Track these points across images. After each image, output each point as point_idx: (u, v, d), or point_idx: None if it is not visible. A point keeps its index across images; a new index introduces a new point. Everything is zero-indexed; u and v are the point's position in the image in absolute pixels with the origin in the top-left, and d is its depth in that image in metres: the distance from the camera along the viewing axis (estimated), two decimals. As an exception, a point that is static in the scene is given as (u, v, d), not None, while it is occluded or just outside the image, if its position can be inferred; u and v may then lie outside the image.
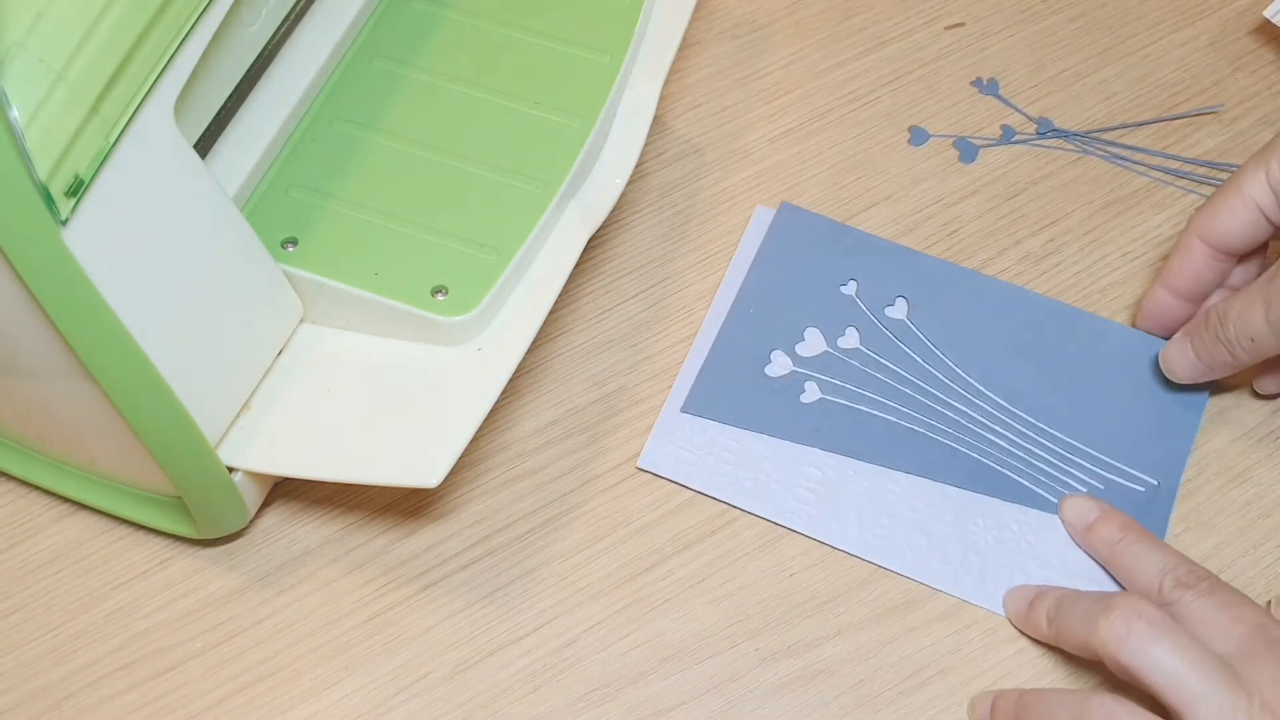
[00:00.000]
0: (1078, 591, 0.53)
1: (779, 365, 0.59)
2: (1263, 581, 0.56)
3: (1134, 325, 0.61)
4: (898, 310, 0.61)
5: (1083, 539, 0.56)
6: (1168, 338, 0.59)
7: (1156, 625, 0.48)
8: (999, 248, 0.64)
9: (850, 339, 0.60)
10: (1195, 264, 0.58)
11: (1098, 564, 0.55)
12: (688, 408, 0.58)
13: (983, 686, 0.54)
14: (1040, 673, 0.54)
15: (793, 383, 0.59)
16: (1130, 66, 0.69)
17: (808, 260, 0.62)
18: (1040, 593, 0.54)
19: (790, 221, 0.63)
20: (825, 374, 0.59)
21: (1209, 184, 0.65)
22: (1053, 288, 0.63)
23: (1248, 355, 0.56)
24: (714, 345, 0.60)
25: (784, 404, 0.58)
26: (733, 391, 0.59)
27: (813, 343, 0.60)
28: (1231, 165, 0.66)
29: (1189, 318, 0.59)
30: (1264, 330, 0.54)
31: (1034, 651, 0.55)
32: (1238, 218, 0.57)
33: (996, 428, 0.58)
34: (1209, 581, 0.51)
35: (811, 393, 0.59)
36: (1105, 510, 0.56)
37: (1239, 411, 0.60)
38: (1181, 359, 0.58)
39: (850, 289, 0.61)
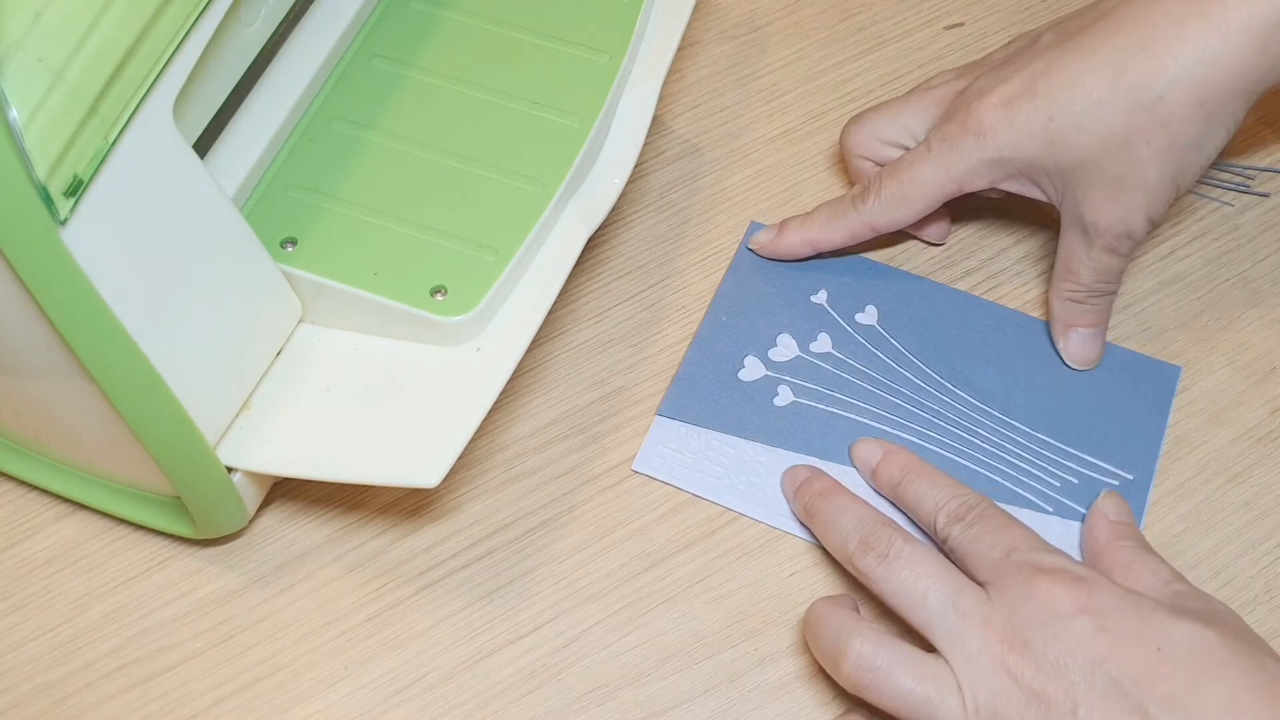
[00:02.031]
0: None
1: (752, 370, 0.60)
2: (1261, 581, 0.56)
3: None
4: (868, 316, 0.61)
5: (872, 482, 0.57)
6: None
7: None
8: (999, 247, 0.64)
9: (822, 344, 0.60)
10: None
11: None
12: (665, 412, 0.59)
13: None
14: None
15: (765, 386, 0.59)
16: (1129, 66, 0.69)
17: (779, 271, 0.62)
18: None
19: None
20: (798, 378, 0.60)
21: (1207, 184, 0.65)
22: (1052, 288, 0.63)
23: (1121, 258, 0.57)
24: (689, 352, 0.60)
25: (757, 407, 0.59)
26: (706, 396, 0.59)
27: (785, 348, 0.60)
28: (1231, 165, 0.66)
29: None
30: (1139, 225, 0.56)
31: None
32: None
33: (970, 425, 0.59)
34: (976, 510, 0.52)
35: (784, 396, 0.59)
36: (887, 450, 0.56)
37: (1239, 411, 0.60)
38: (1082, 341, 0.60)
39: (821, 297, 0.62)
